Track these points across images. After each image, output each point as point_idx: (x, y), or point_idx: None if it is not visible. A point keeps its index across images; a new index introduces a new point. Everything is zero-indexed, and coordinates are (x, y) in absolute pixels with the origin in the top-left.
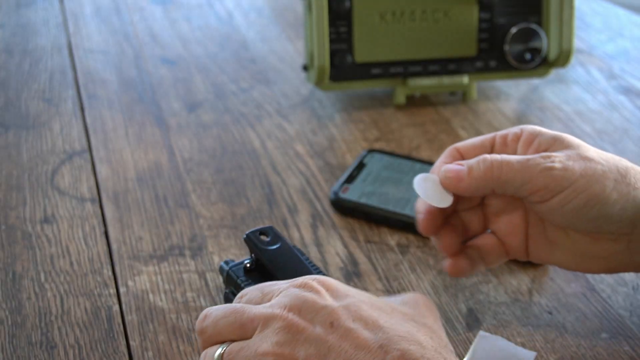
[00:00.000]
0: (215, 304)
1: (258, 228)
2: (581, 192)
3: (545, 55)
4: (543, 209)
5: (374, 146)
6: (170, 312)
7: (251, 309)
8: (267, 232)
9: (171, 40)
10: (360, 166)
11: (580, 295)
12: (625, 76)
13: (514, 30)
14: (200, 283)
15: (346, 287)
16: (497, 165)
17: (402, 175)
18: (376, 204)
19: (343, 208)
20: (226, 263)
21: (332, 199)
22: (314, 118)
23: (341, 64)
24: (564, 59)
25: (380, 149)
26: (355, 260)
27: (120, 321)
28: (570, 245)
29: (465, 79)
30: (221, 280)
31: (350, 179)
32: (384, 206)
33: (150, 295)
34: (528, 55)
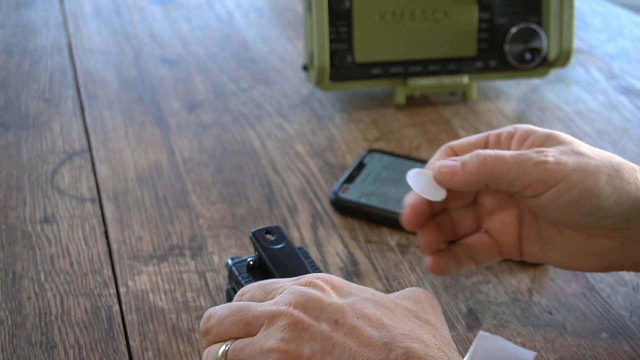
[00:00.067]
0: (215, 304)
1: (265, 227)
2: (575, 186)
3: (545, 55)
4: (537, 204)
5: (374, 146)
6: (170, 312)
7: (256, 307)
8: (273, 232)
9: (171, 40)
10: (360, 166)
11: (580, 295)
12: (625, 76)
13: (514, 30)
14: (200, 283)
15: (350, 285)
16: (491, 160)
17: (402, 175)
18: (376, 204)
19: (343, 208)
20: (232, 259)
21: (332, 199)
22: (314, 118)
23: (341, 64)
24: (564, 59)
25: (380, 149)
26: (355, 260)
27: (120, 321)
28: (564, 243)
29: (465, 79)
30: (221, 279)
31: (350, 179)
32: (384, 206)
33: (150, 295)
34: (528, 55)
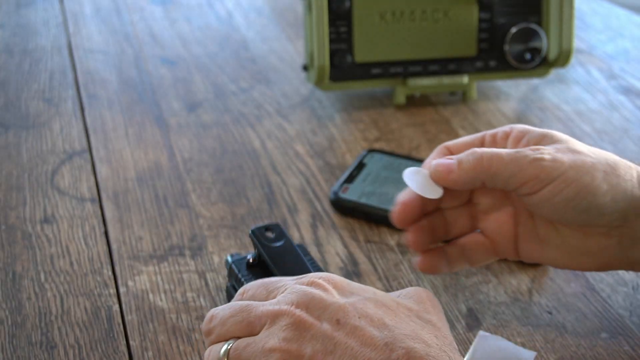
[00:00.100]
0: (215, 304)
1: (265, 224)
2: (571, 183)
3: (545, 55)
4: (533, 201)
5: (374, 146)
6: (170, 312)
7: (258, 306)
8: (273, 229)
9: (171, 40)
10: (360, 166)
11: (580, 295)
12: (625, 76)
13: (514, 30)
14: (200, 283)
15: (352, 284)
16: (487, 158)
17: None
18: (376, 204)
19: (343, 208)
20: (232, 256)
21: (332, 199)
22: (314, 118)
23: (341, 64)
24: (564, 59)
25: (380, 149)
26: (355, 260)
27: (120, 321)
28: (560, 241)
29: (465, 79)
30: (221, 279)
31: (350, 179)
32: (384, 206)
33: (150, 295)
34: (528, 55)
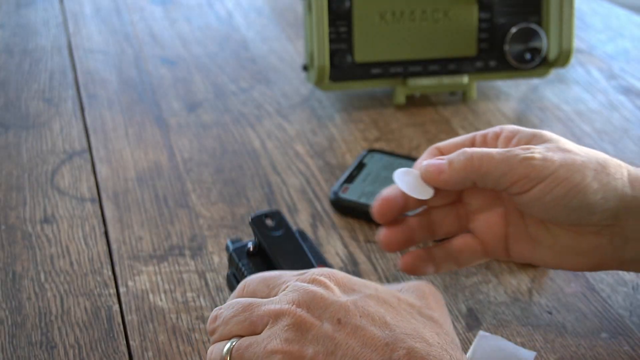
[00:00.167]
0: (215, 304)
1: (264, 211)
2: (561, 182)
3: (545, 55)
4: (524, 201)
5: (373, 146)
6: (170, 312)
7: (260, 306)
8: (273, 216)
9: (171, 40)
10: (360, 166)
11: (580, 295)
12: (625, 76)
13: (514, 30)
14: (200, 283)
15: (353, 280)
16: (478, 157)
17: None
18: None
19: (343, 208)
20: (232, 242)
21: (332, 199)
22: (314, 118)
23: (341, 64)
24: (564, 59)
25: (380, 149)
26: (355, 260)
27: (120, 321)
28: (552, 241)
29: (465, 79)
30: (221, 279)
31: (350, 179)
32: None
33: (150, 295)
34: (528, 55)
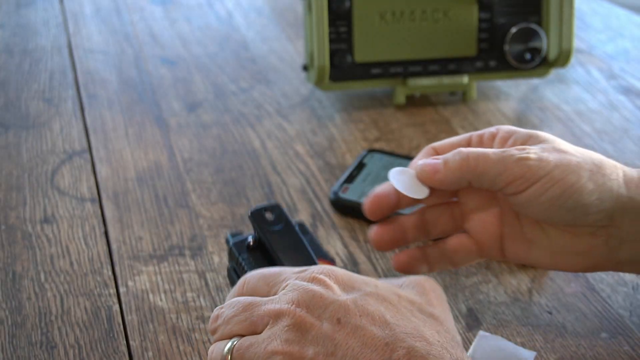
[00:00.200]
0: (215, 303)
1: (264, 205)
2: (557, 182)
3: (545, 55)
4: (519, 201)
5: (373, 146)
6: (170, 312)
7: (260, 306)
8: (272, 210)
9: (171, 40)
10: (360, 166)
11: (580, 295)
12: (625, 76)
13: (514, 30)
14: (200, 283)
15: (353, 278)
16: (473, 157)
17: None
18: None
19: (343, 208)
20: (232, 235)
21: (332, 199)
22: (314, 118)
23: (341, 64)
24: (563, 59)
25: (380, 149)
26: (355, 260)
27: (120, 321)
28: (547, 242)
29: (465, 79)
30: (221, 279)
31: (350, 178)
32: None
33: (150, 295)
34: (528, 55)
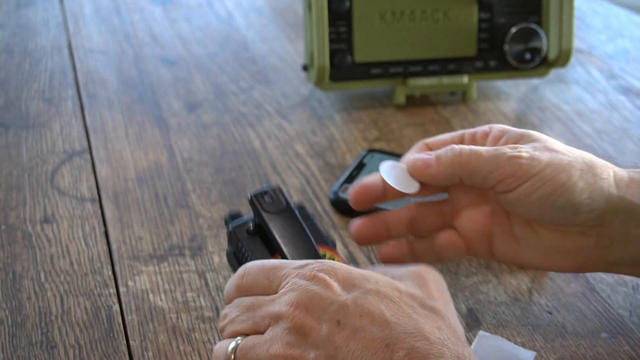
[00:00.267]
0: (215, 304)
1: (264, 188)
2: (548, 180)
3: (545, 55)
4: (510, 200)
5: (373, 146)
6: (170, 312)
7: (261, 306)
8: (273, 193)
9: (171, 40)
10: (360, 166)
11: (580, 295)
12: (625, 76)
13: (514, 30)
14: (200, 283)
15: (354, 274)
16: (466, 154)
17: None
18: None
19: (343, 208)
20: (231, 217)
21: (332, 199)
22: (314, 118)
23: (341, 64)
24: (563, 59)
25: (380, 149)
26: (355, 260)
27: (120, 321)
28: (537, 241)
29: (465, 79)
30: (221, 279)
31: (350, 179)
32: (383, 206)
33: (150, 295)
34: (528, 55)
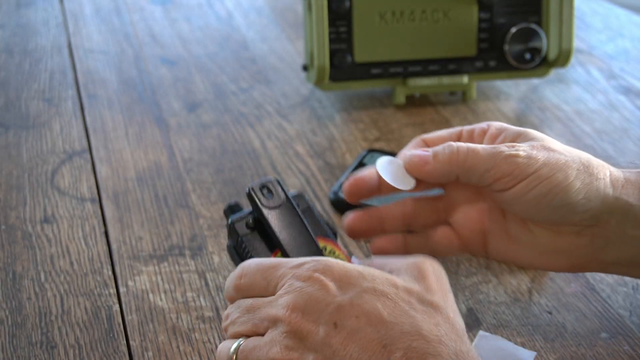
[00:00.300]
0: (215, 304)
1: (261, 181)
2: (544, 180)
3: (545, 55)
4: (506, 198)
5: (373, 146)
6: (170, 312)
7: (259, 309)
8: (272, 185)
9: (171, 40)
10: (360, 166)
11: (580, 295)
12: (625, 76)
13: (514, 30)
14: (200, 283)
15: (350, 272)
16: (463, 151)
17: None
18: (376, 204)
19: (343, 208)
20: (231, 209)
21: (332, 199)
22: (314, 118)
23: (341, 64)
24: (563, 58)
25: (380, 149)
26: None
27: (120, 321)
28: (532, 240)
29: (465, 79)
30: (221, 279)
31: None
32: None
33: (150, 295)
34: (528, 55)
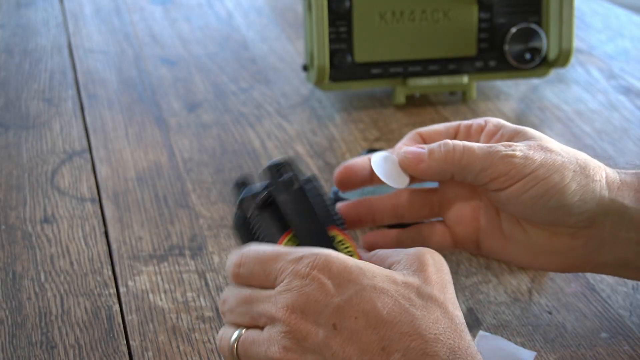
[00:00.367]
0: (215, 304)
1: (279, 161)
2: (540, 181)
3: (545, 55)
4: (502, 198)
5: (373, 146)
6: (170, 312)
7: (258, 302)
8: (290, 167)
9: (171, 40)
10: None
11: (580, 295)
12: (625, 76)
13: (514, 30)
14: (200, 283)
15: (349, 269)
16: (459, 150)
17: None
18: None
19: None
20: (243, 183)
21: (332, 199)
22: (314, 118)
23: (341, 64)
24: (563, 58)
25: (380, 149)
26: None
27: (120, 321)
28: (525, 239)
29: (465, 79)
30: (221, 279)
31: None
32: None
33: (150, 295)
34: (528, 55)
